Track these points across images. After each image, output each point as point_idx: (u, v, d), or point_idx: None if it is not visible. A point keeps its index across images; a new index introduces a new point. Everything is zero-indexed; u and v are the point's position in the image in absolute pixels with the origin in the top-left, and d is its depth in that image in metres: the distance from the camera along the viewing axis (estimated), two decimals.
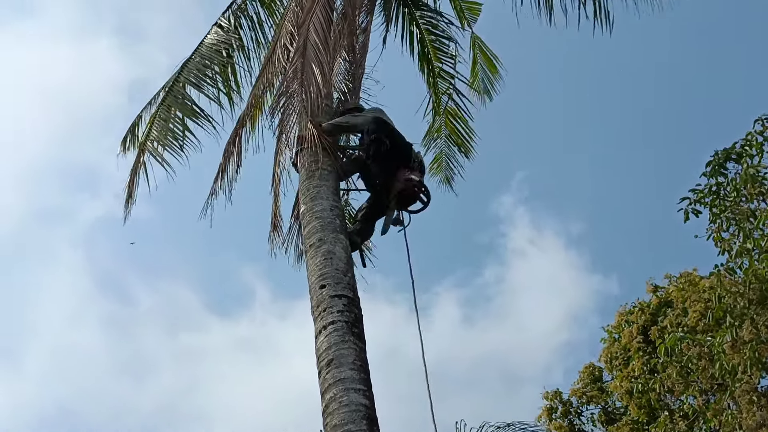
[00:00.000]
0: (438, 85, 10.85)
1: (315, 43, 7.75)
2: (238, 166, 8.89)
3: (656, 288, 18.70)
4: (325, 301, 6.44)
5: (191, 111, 9.51)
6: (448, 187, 11.08)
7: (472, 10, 11.11)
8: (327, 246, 6.81)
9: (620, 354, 18.16)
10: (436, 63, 10.81)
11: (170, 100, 9.57)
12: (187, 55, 9.81)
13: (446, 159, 11.17)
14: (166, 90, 9.67)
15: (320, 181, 7.36)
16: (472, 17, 11.10)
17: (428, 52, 10.80)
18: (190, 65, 9.73)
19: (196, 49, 9.88)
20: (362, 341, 6.29)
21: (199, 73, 9.69)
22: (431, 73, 10.84)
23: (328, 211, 7.11)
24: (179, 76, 9.65)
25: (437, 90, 10.86)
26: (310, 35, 7.82)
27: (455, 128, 10.99)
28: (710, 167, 12.99)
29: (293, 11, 8.73)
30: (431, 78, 10.86)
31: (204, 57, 9.81)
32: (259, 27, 10.25)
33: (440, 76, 10.83)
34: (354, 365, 6.04)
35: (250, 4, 10.29)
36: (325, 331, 6.26)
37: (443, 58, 10.82)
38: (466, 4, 11.07)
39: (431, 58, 10.81)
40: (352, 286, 6.62)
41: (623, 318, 18.65)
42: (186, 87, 9.61)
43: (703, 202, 13.04)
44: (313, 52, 7.67)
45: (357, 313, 6.45)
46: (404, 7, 10.73)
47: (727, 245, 12.91)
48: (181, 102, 9.54)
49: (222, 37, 9.91)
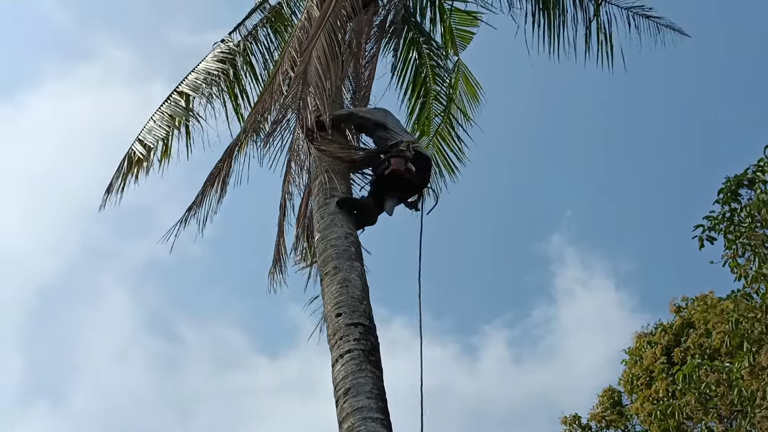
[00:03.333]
0: (433, 107, 10.92)
1: (316, 70, 7.75)
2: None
3: (679, 309, 18.59)
4: (342, 330, 6.39)
5: (185, 112, 9.76)
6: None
7: (463, 38, 11.24)
8: (342, 274, 6.77)
9: (642, 375, 17.98)
10: (434, 86, 10.90)
11: (165, 107, 9.89)
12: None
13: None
14: None
15: (335, 208, 7.33)
16: (462, 44, 11.23)
17: (426, 75, 10.86)
18: (190, 77, 9.93)
19: (197, 65, 10.10)
20: (379, 369, 6.23)
21: (198, 81, 9.91)
22: (426, 96, 10.89)
23: (342, 239, 7.07)
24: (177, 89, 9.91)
25: (430, 113, 10.91)
26: (312, 61, 7.83)
27: (441, 149, 10.98)
28: (722, 194, 12.95)
29: (297, 38, 8.79)
30: (425, 100, 10.91)
31: (205, 69, 10.01)
32: (267, 52, 10.42)
33: (436, 99, 10.92)
34: (371, 394, 5.98)
35: (261, 30, 10.41)
36: (342, 359, 6.20)
37: (440, 84, 10.95)
38: (458, 31, 11.19)
39: (429, 82, 10.87)
40: (368, 314, 6.56)
41: (644, 339, 18.52)
42: (184, 96, 9.85)
43: (718, 228, 12.99)
44: (315, 78, 7.67)
45: (374, 341, 6.39)
46: (408, 32, 10.81)
47: (743, 271, 12.83)
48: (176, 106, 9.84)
49: (224, 49, 10.08)
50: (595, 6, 10.29)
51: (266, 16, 10.50)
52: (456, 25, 11.17)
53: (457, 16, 11.19)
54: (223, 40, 10.17)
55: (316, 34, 8.04)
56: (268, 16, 10.50)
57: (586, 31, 10.24)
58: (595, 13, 10.26)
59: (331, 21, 8.14)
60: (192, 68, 10.11)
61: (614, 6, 10.32)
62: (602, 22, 10.26)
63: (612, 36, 10.20)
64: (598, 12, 10.28)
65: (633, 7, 10.28)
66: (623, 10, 10.28)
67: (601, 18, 10.25)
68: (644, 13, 10.26)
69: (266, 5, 10.59)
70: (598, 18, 10.24)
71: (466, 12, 11.18)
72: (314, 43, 7.95)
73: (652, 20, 10.24)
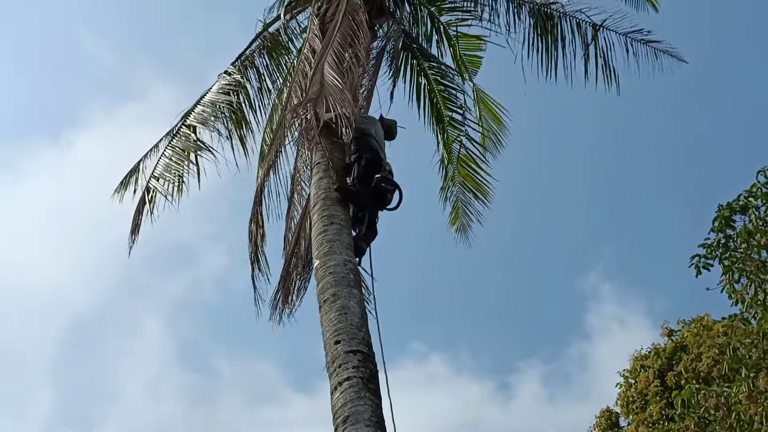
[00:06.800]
0: (449, 133, 10.95)
1: (330, 75, 7.85)
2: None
3: (671, 332, 18.57)
4: (340, 357, 6.41)
5: (195, 145, 9.66)
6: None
7: (473, 63, 11.28)
8: (341, 301, 6.80)
9: (637, 398, 17.98)
10: (446, 112, 10.92)
11: (176, 141, 9.78)
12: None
13: (462, 206, 11.26)
14: (173, 134, 9.84)
15: (334, 236, 7.38)
16: (473, 70, 11.27)
17: (437, 102, 10.92)
18: (197, 110, 9.92)
19: (203, 95, 10.07)
20: (378, 397, 6.25)
21: (205, 114, 9.87)
22: (440, 123, 10.94)
23: (341, 266, 7.11)
24: (185, 121, 9.84)
25: (448, 139, 10.96)
26: (325, 71, 7.93)
27: (469, 174, 11.06)
28: (717, 222, 12.98)
29: (301, 71, 8.83)
30: (441, 127, 10.96)
31: (211, 102, 9.99)
32: (267, 77, 10.46)
33: (450, 124, 10.94)
34: (370, 422, 5.99)
35: (258, 57, 10.47)
36: (341, 387, 6.22)
37: (452, 107, 10.94)
38: (467, 56, 11.23)
39: (440, 108, 10.92)
40: (366, 341, 6.59)
41: (638, 362, 18.50)
42: (193, 129, 9.80)
43: (713, 255, 13.01)
44: (330, 79, 7.76)
45: (372, 368, 6.42)
46: (413, 59, 10.88)
47: (740, 296, 12.85)
48: (186, 139, 9.74)
49: (230, 81, 10.08)
50: (593, 32, 10.37)
51: (264, 44, 10.54)
52: (463, 51, 11.22)
53: (463, 41, 11.24)
54: (228, 72, 10.17)
55: (323, 56, 8.13)
56: (266, 44, 10.55)
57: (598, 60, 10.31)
58: (593, 38, 10.34)
59: (334, 48, 8.25)
60: (198, 100, 10.10)
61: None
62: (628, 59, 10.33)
63: (639, 67, 10.28)
64: (596, 37, 10.36)
65: (632, 32, 10.37)
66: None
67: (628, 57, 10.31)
68: (642, 38, 10.34)
69: (266, 34, 10.65)
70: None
71: (472, 36, 11.25)
72: (323, 60, 8.04)
73: (650, 46, 10.33)
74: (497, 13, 10.62)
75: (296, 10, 10.55)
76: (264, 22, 10.53)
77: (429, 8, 11.09)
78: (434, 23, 11.12)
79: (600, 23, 10.36)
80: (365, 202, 7.96)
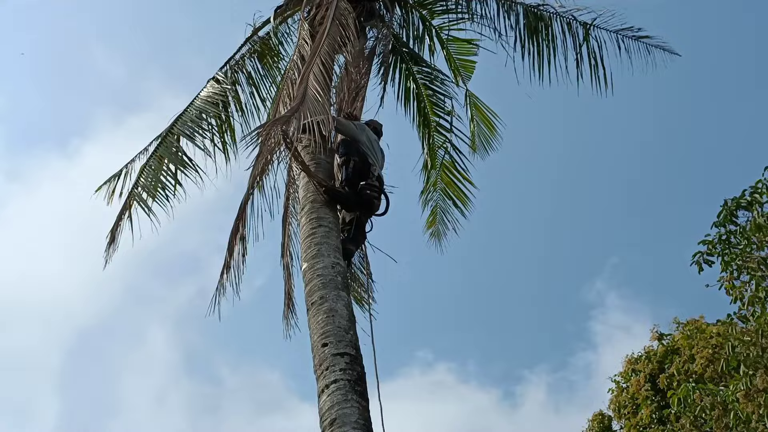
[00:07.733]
0: (434, 139, 10.94)
1: (314, 88, 7.82)
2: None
3: (661, 336, 18.51)
4: (328, 360, 6.42)
5: (181, 161, 9.56)
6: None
7: (466, 67, 11.23)
8: (329, 304, 6.81)
9: (629, 403, 17.95)
10: (433, 117, 10.91)
11: (162, 150, 9.64)
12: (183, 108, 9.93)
13: (441, 212, 11.22)
14: (159, 141, 9.73)
15: (321, 238, 7.38)
16: (467, 74, 11.22)
17: (425, 106, 10.91)
18: (185, 118, 9.83)
19: (191, 102, 9.99)
20: (365, 399, 6.26)
21: (193, 125, 9.76)
22: (427, 128, 10.92)
23: (329, 269, 7.11)
24: (173, 128, 9.73)
25: (433, 144, 10.94)
26: (309, 83, 7.90)
27: (452, 181, 11.04)
28: (721, 216, 12.92)
29: (290, 79, 8.81)
30: (427, 132, 10.94)
31: (199, 110, 9.91)
32: (256, 82, 10.42)
33: (437, 130, 10.93)
34: (357, 424, 6.01)
35: (249, 60, 10.45)
36: (328, 390, 6.24)
37: (439, 113, 10.94)
38: (460, 61, 11.19)
39: (428, 113, 10.91)
40: (354, 343, 6.60)
41: (630, 366, 18.45)
42: (180, 139, 9.69)
43: (714, 251, 12.95)
44: (313, 93, 7.73)
45: (359, 371, 6.43)
46: (402, 63, 10.86)
47: (739, 293, 12.79)
48: (173, 153, 9.60)
49: (217, 90, 10.03)
50: (584, 32, 10.34)
51: (254, 48, 10.51)
52: (456, 55, 11.18)
53: (456, 45, 11.19)
54: (216, 79, 10.12)
55: (310, 65, 8.12)
56: (256, 48, 10.51)
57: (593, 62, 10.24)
58: (584, 38, 10.31)
59: (321, 56, 8.23)
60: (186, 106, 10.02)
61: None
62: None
63: (632, 64, 10.20)
64: (588, 37, 10.33)
65: (622, 29, 10.31)
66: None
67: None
68: (634, 35, 10.30)
69: (256, 38, 10.62)
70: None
71: (465, 40, 11.17)
72: (309, 70, 8.03)
73: (642, 41, 10.28)
74: (488, 17, 10.55)
75: (287, 13, 10.52)
76: (254, 25, 10.51)
77: (420, 11, 11.04)
78: (426, 26, 11.08)
79: (591, 21, 10.32)
80: (352, 205, 7.96)
